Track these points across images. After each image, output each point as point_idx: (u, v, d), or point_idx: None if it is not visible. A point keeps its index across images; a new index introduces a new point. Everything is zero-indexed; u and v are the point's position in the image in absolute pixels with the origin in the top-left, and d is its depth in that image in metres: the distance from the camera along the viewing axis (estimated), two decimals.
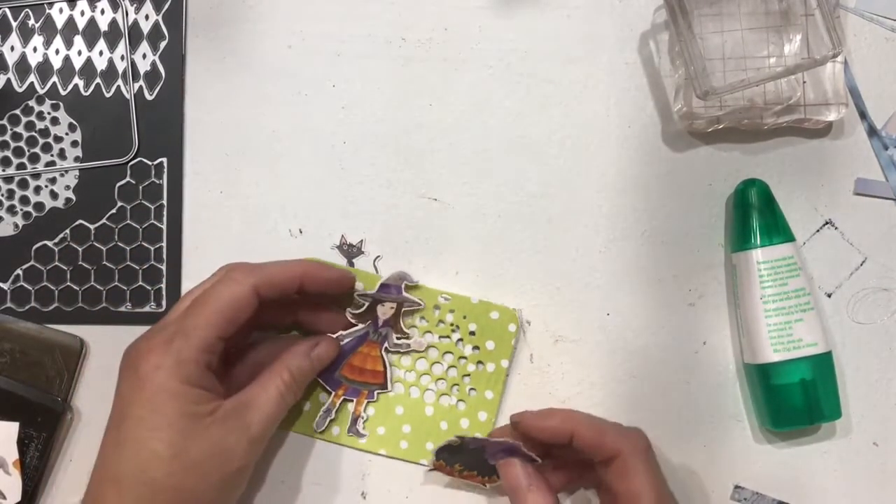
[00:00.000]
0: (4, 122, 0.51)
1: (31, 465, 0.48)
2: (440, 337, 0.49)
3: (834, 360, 0.47)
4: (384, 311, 0.48)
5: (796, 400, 0.46)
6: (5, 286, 0.50)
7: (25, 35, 0.51)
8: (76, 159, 0.50)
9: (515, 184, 0.50)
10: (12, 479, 0.47)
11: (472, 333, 0.49)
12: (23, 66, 0.51)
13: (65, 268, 0.50)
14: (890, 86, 0.50)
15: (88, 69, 0.51)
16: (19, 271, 0.50)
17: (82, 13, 0.51)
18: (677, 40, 0.47)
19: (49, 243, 0.50)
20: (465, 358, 0.49)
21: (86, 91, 0.51)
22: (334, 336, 0.48)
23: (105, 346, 0.50)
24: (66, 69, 0.51)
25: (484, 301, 0.49)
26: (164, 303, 0.50)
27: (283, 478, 0.49)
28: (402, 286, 0.48)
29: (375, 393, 0.49)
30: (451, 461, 0.47)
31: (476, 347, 0.49)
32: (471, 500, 0.49)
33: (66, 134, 0.51)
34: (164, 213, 0.50)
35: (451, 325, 0.49)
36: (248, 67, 0.51)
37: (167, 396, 0.40)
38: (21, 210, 0.50)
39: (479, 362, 0.49)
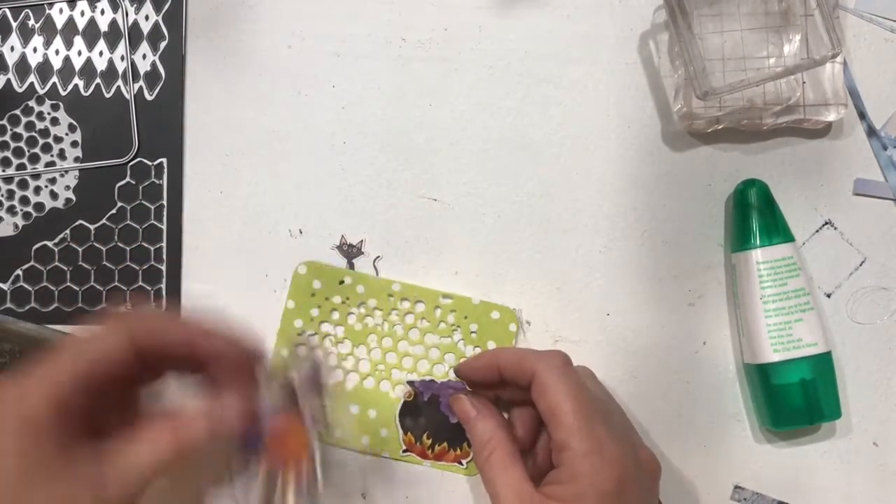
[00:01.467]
0: (4, 122, 0.51)
1: None
2: (441, 337, 0.49)
3: (834, 359, 0.47)
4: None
5: (796, 400, 0.46)
6: (5, 286, 0.50)
7: (25, 35, 0.51)
8: (76, 159, 0.50)
9: (515, 184, 0.50)
10: None
11: (473, 333, 0.49)
12: (23, 67, 0.51)
13: (65, 268, 0.50)
14: (889, 86, 0.50)
15: (88, 69, 0.51)
16: (19, 271, 0.50)
17: (82, 13, 0.51)
18: (677, 40, 0.47)
19: (49, 243, 0.50)
20: (465, 358, 0.49)
21: (86, 91, 0.51)
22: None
23: None
24: (66, 69, 0.51)
25: (485, 301, 0.49)
26: (163, 303, 0.50)
27: None
28: (318, 382, 0.41)
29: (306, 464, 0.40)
30: (416, 430, 0.48)
31: (477, 347, 0.49)
32: (468, 499, 0.49)
33: (66, 134, 0.51)
34: (164, 213, 0.50)
35: (453, 325, 0.49)
36: (248, 67, 0.51)
37: (11, 436, 0.33)
38: (21, 210, 0.50)
39: None
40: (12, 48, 0.51)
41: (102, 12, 0.51)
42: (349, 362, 0.49)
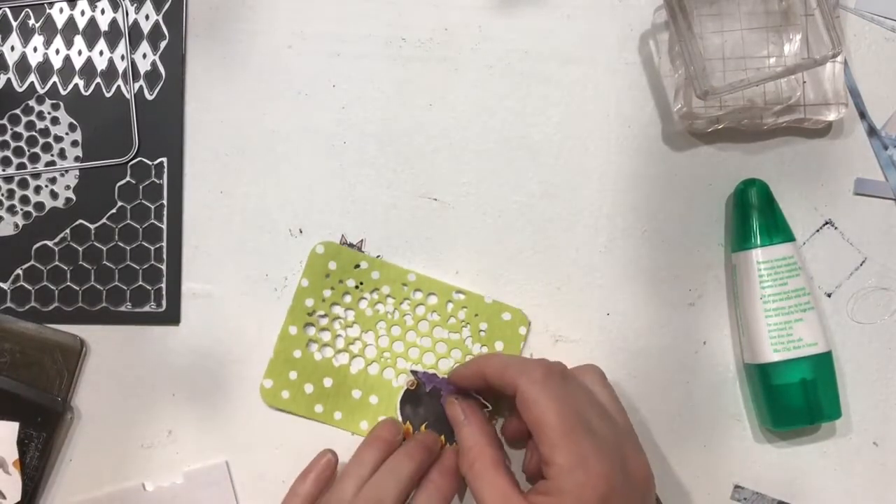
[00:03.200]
0: (4, 121, 0.51)
1: (31, 465, 0.48)
2: (450, 332, 0.49)
3: (834, 359, 0.47)
4: None
5: (796, 400, 0.46)
6: (5, 286, 0.50)
7: (26, 35, 0.51)
8: (76, 159, 0.51)
9: (515, 184, 0.50)
10: (12, 479, 0.47)
11: (483, 332, 0.49)
12: (23, 66, 0.51)
13: (65, 268, 0.50)
14: (890, 85, 0.50)
15: (89, 69, 0.51)
16: (19, 271, 0.50)
17: (82, 13, 0.51)
18: (677, 40, 0.47)
19: (49, 243, 0.50)
20: (472, 356, 0.49)
21: (86, 91, 0.51)
22: None
23: (105, 346, 0.50)
24: (67, 69, 0.51)
25: (497, 302, 0.49)
26: (163, 303, 0.50)
27: (284, 477, 0.49)
28: None
29: None
30: (415, 419, 0.48)
31: (484, 346, 0.49)
32: (467, 498, 0.49)
33: (67, 134, 0.51)
34: (164, 212, 0.50)
35: (463, 321, 0.49)
36: (248, 67, 0.51)
37: None
38: (21, 210, 0.50)
39: None
40: (12, 48, 0.51)
41: (103, 12, 0.51)
42: (356, 347, 0.49)
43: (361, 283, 0.49)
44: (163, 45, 0.51)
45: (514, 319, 0.49)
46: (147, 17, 0.51)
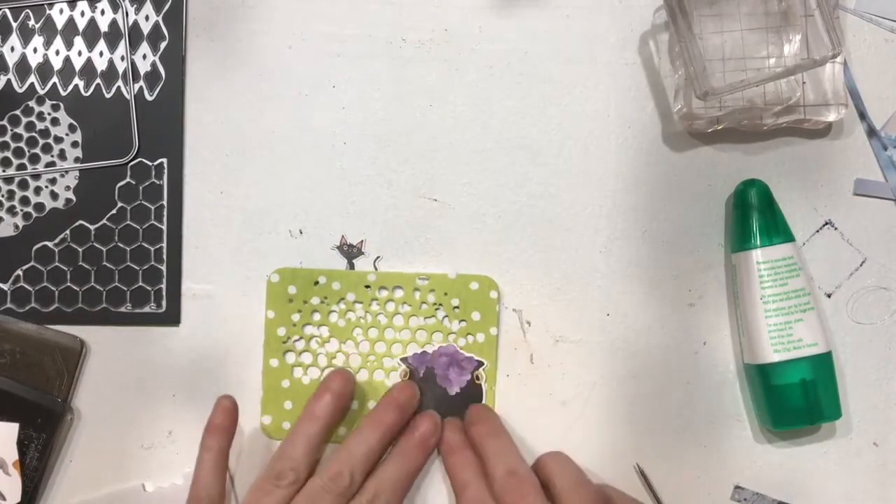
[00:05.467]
0: (5, 122, 0.51)
1: (31, 466, 0.48)
2: (425, 318, 0.49)
3: (834, 360, 0.47)
4: None
5: (796, 400, 0.46)
6: (5, 287, 0.50)
7: (26, 36, 0.51)
8: (76, 160, 0.50)
9: (515, 184, 0.50)
10: (12, 480, 0.47)
11: (456, 308, 0.49)
12: (23, 67, 0.51)
13: (65, 268, 0.50)
14: (889, 86, 0.50)
15: (89, 70, 0.51)
16: (19, 272, 0.50)
17: (82, 14, 0.51)
18: (677, 41, 0.47)
19: (49, 244, 0.50)
20: (454, 333, 0.49)
21: (86, 92, 0.51)
22: None
23: (105, 346, 0.50)
24: (67, 70, 0.51)
25: (461, 274, 0.49)
26: (163, 303, 0.50)
27: None
28: None
29: None
30: (418, 408, 0.48)
31: (463, 321, 0.49)
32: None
33: (67, 134, 0.51)
34: (164, 213, 0.50)
35: (434, 304, 0.49)
36: (248, 67, 0.51)
37: None
38: (21, 211, 0.50)
39: (469, 334, 0.49)
40: (12, 48, 0.51)
41: (102, 12, 0.51)
42: (339, 360, 0.49)
43: (326, 298, 0.49)
44: (163, 45, 0.51)
45: (483, 286, 0.49)
46: (147, 18, 0.51)
